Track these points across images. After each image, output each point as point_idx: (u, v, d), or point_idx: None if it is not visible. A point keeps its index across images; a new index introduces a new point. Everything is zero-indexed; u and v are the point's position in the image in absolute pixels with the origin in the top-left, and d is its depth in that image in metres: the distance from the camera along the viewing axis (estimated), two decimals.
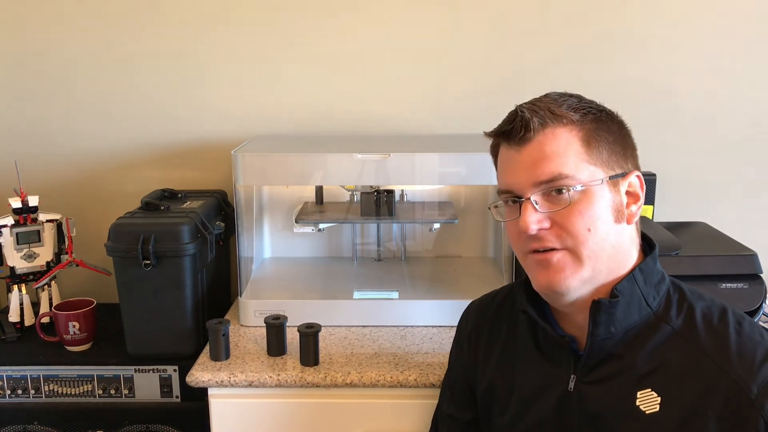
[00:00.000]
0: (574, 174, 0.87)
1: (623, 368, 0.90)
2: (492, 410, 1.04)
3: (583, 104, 0.92)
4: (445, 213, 1.64)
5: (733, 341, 0.87)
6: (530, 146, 0.89)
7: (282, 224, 1.75)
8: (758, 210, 1.76)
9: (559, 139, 0.88)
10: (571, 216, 0.87)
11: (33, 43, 1.71)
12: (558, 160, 0.88)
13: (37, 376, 1.42)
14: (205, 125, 1.74)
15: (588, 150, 0.89)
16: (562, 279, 0.88)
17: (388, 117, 1.73)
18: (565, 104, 0.90)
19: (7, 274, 1.57)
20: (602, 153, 0.89)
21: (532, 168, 0.88)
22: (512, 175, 0.91)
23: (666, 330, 0.90)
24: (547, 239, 0.88)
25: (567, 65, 1.69)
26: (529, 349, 1.00)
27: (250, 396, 1.29)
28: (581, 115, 0.90)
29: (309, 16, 1.68)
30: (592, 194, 0.88)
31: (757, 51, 1.68)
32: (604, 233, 0.88)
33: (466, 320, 1.14)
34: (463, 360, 1.12)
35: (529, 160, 0.89)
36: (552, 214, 0.88)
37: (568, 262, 0.88)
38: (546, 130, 0.89)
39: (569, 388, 0.93)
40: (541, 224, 0.88)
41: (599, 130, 0.90)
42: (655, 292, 0.92)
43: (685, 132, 1.72)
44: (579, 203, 0.87)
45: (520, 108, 0.91)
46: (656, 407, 0.87)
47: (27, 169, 1.68)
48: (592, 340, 0.91)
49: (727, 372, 0.84)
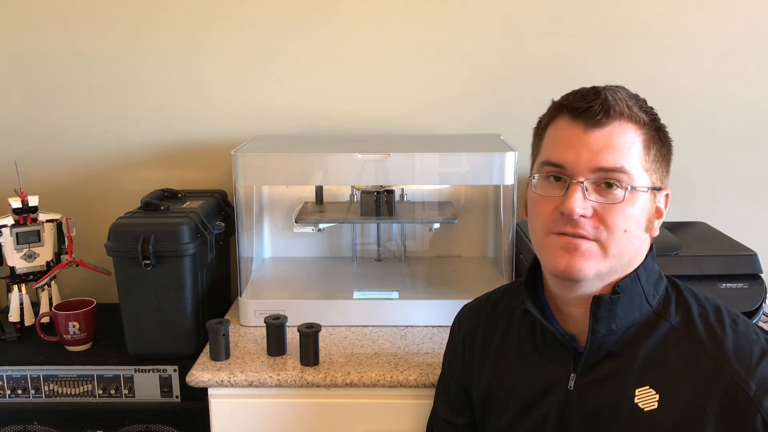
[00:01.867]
0: (633, 173, 0.88)
1: (623, 366, 0.90)
2: (490, 413, 1.04)
3: (650, 108, 0.92)
4: (445, 213, 1.64)
5: (730, 339, 0.87)
6: (600, 131, 0.87)
7: (282, 224, 1.75)
8: (758, 210, 1.76)
9: (627, 135, 0.88)
10: (615, 213, 0.87)
11: (33, 43, 1.71)
12: (623, 154, 0.87)
13: (37, 376, 1.42)
14: (205, 125, 1.74)
15: (646, 155, 0.89)
16: (584, 267, 0.88)
17: (388, 117, 1.73)
18: (638, 104, 0.90)
19: (7, 274, 1.57)
20: (654, 162, 0.90)
21: (597, 153, 0.87)
22: (573, 152, 0.88)
23: (665, 327, 0.90)
24: (584, 227, 0.87)
25: (567, 65, 1.68)
26: (527, 349, 1.00)
27: (250, 396, 1.29)
28: (650, 119, 0.90)
29: (309, 17, 1.68)
30: (637, 198, 0.88)
31: (757, 51, 1.68)
32: (635, 237, 0.90)
33: (459, 324, 1.13)
34: (458, 364, 1.11)
35: (595, 144, 0.87)
36: (597, 205, 0.87)
37: (594, 252, 0.88)
38: (621, 121, 0.88)
39: (569, 387, 0.93)
40: (585, 211, 0.87)
41: (658, 140, 0.91)
42: (654, 290, 0.93)
43: (685, 132, 1.72)
44: (625, 203, 0.87)
45: (603, 90, 0.90)
46: (655, 404, 0.87)
47: (27, 169, 1.68)
48: (593, 337, 0.91)
49: (725, 370, 0.85)
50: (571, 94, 0.92)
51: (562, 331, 0.96)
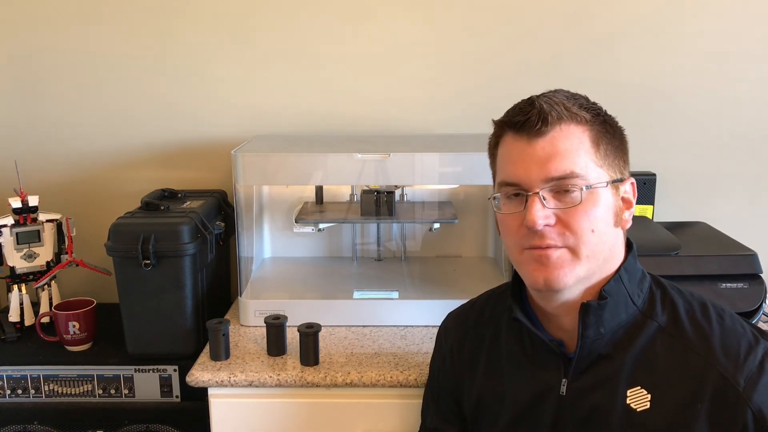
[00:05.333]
0: (585, 174, 0.87)
1: (613, 368, 0.90)
2: (482, 421, 1.03)
3: (592, 104, 0.92)
4: (445, 213, 1.64)
5: (717, 335, 0.88)
6: (543, 140, 0.88)
7: (282, 224, 1.75)
8: (758, 210, 1.76)
9: (572, 137, 0.88)
10: (577, 215, 0.87)
11: (33, 43, 1.71)
12: (571, 157, 0.87)
13: (37, 376, 1.42)
14: (205, 125, 1.74)
15: (596, 151, 0.89)
16: (561, 276, 0.88)
17: (388, 117, 1.73)
18: (577, 103, 0.90)
19: (7, 274, 1.57)
20: (608, 156, 0.90)
21: (545, 163, 0.87)
22: (523, 168, 0.89)
23: (652, 327, 0.90)
24: (550, 236, 0.88)
25: (567, 65, 1.69)
26: (516, 355, 1.00)
27: (250, 396, 1.29)
28: (592, 115, 0.90)
29: (309, 17, 1.68)
30: (597, 196, 0.88)
31: (757, 51, 1.68)
32: (604, 235, 0.89)
33: (446, 332, 1.13)
34: (447, 373, 1.10)
35: (542, 154, 0.88)
36: (558, 211, 0.88)
37: (566, 259, 0.88)
38: (561, 125, 0.88)
39: (561, 393, 0.93)
40: (547, 220, 0.87)
41: (606, 133, 0.90)
42: (639, 290, 0.93)
43: (685, 132, 1.72)
44: (586, 203, 0.87)
45: (537, 99, 0.89)
46: (647, 404, 0.87)
47: (27, 169, 1.68)
48: (583, 343, 0.91)
49: (713, 366, 0.85)
50: (510, 110, 0.93)
51: (550, 338, 0.95)
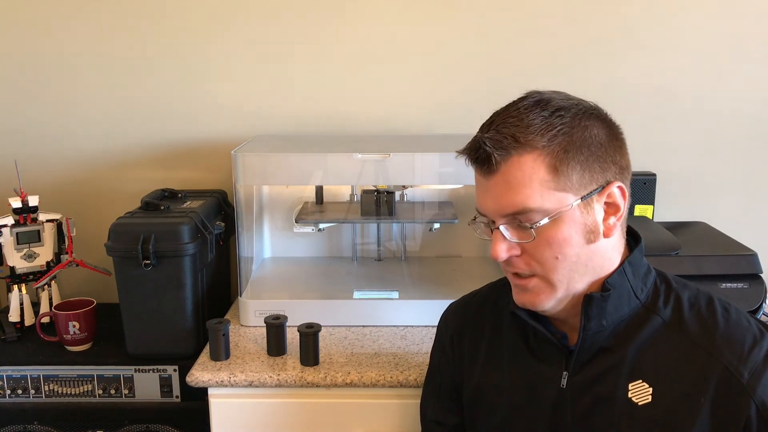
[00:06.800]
0: (540, 205, 0.85)
1: (615, 362, 0.90)
2: (480, 412, 1.03)
3: (553, 121, 0.85)
4: (445, 213, 1.64)
5: (721, 328, 0.88)
6: (495, 177, 0.87)
7: (282, 224, 1.75)
8: (758, 210, 1.76)
9: (523, 168, 0.85)
10: (539, 247, 0.87)
11: (33, 44, 1.71)
12: (522, 191, 0.85)
13: (37, 376, 1.42)
14: (205, 125, 1.74)
15: (555, 177, 0.84)
16: (539, 301, 0.91)
17: (388, 117, 1.73)
18: (532, 126, 0.85)
19: (7, 274, 1.57)
20: (572, 176, 0.85)
21: (498, 199, 0.87)
22: (483, 200, 0.91)
23: (656, 321, 0.91)
24: (519, 266, 0.90)
25: (567, 65, 1.69)
26: (518, 347, 1.00)
27: (250, 396, 1.29)
28: (548, 139, 0.84)
29: (309, 17, 1.68)
30: (560, 221, 0.86)
31: (757, 50, 1.68)
32: (574, 257, 0.88)
33: (446, 322, 1.13)
34: (447, 363, 1.10)
35: (495, 189, 0.87)
36: (521, 243, 0.89)
37: (542, 287, 0.90)
38: (511, 159, 0.85)
39: (562, 386, 0.93)
40: (510, 252, 0.89)
41: (569, 152, 0.85)
42: (642, 284, 0.93)
43: (685, 132, 1.72)
44: (546, 233, 0.86)
45: (482, 139, 0.87)
46: (649, 398, 0.87)
47: (27, 169, 1.68)
48: (584, 335, 0.91)
49: (717, 359, 0.85)
50: (468, 144, 0.91)
51: (553, 330, 0.96)
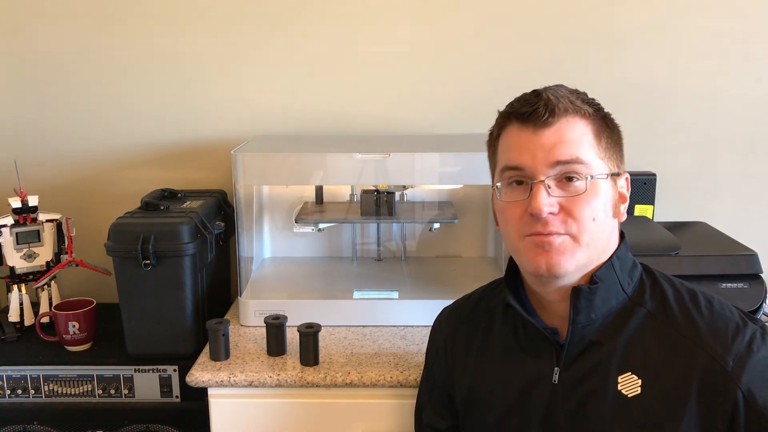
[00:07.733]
0: (589, 163, 0.90)
1: (604, 355, 0.91)
2: (473, 413, 1.04)
3: (592, 100, 0.95)
4: (445, 213, 1.64)
5: (706, 319, 0.90)
6: (550, 131, 0.90)
7: (282, 224, 1.75)
8: (758, 210, 1.76)
9: (576, 128, 0.90)
10: (580, 204, 0.89)
11: (33, 44, 1.71)
12: (576, 146, 0.90)
13: (37, 376, 1.42)
14: (205, 125, 1.74)
15: (598, 144, 0.92)
16: (563, 261, 0.90)
17: (388, 117, 1.73)
18: (580, 98, 0.93)
19: (7, 274, 1.57)
20: (608, 149, 0.93)
21: (551, 149, 0.89)
22: (528, 154, 0.90)
23: (641, 313, 0.93)
24: (553, 224, 0.89)
25: (567, 65, 1.69)
26: (509, 345, 1.01)
27: (250, 396, 1.29)
28: (594, 110, 0.93)
29: (309, 17, 1.68)
30: (598, 187, 0.90)
31: (757, 50, 1.68)
32: (603, 224, 0.91)
33: (440, 325, 1.14)
34: (440, 366, 1.11)
35: (548, 142, 0.90)
36: (562, 200, 0.89)
37: (568, 246, 0.90)
38: (567, 117, 0.90)
39: (554, 381, 0.94)
40: (552, 208, 0.89)
41: (606, 128, 0.94)
42: (629, 278, 0.95)
43: (685, 132, 1.72)
44: (588, 193, 0.90)
45: (544, 92, 0.92)
46: (638, 390, 0.89)
47: (27, 169, 1.68)
48: (574, 328, 0.92)
49: (702, 348, 0.87)
50: (515, 101, 0.95)
51: (544, 325, 0.97)
